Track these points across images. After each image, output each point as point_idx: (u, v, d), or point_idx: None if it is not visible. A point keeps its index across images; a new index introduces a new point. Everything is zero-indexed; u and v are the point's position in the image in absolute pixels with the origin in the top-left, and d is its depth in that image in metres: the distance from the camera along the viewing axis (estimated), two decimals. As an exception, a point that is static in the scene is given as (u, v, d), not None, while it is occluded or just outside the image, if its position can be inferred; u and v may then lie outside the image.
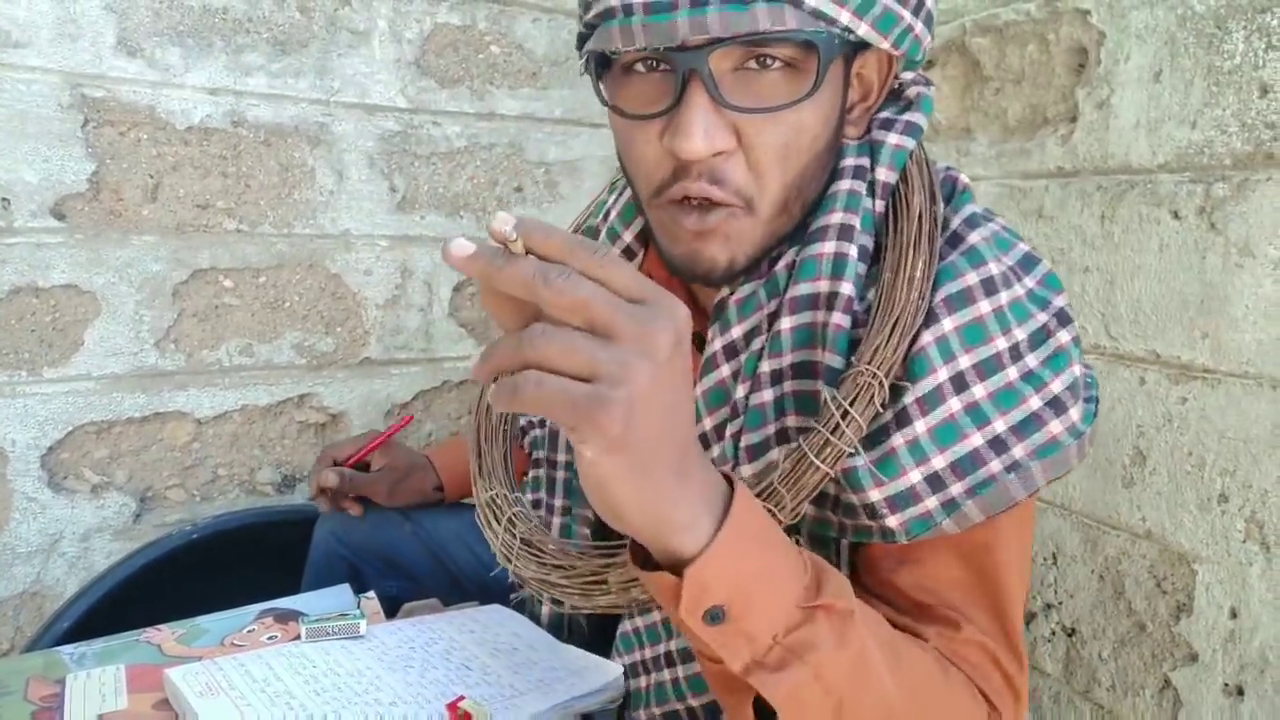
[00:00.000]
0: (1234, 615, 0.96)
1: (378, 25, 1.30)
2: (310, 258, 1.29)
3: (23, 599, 1.15)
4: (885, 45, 0.61)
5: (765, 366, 0.65)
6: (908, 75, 0.69)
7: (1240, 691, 0.96)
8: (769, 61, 0.59)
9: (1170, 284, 1.00)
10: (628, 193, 0.76)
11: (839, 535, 0.64)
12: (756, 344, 0.66)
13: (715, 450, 0.67)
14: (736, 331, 0.67)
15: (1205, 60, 0.96)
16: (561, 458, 0.85)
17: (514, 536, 0.75)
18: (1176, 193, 0.99)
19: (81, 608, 0.97)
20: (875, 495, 0.59)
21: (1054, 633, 1.18)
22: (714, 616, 0.48)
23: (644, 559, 0.52)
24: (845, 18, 0.58)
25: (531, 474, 0.91)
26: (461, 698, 0.67)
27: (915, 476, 0.59)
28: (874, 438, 0.60)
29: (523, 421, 1.06)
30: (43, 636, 0.94)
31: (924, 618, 0.62)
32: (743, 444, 0.65)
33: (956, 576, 0.63)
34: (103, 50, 1.13)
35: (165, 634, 0.81)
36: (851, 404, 0.59)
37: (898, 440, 0.59)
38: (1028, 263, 0.65)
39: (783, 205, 0.63)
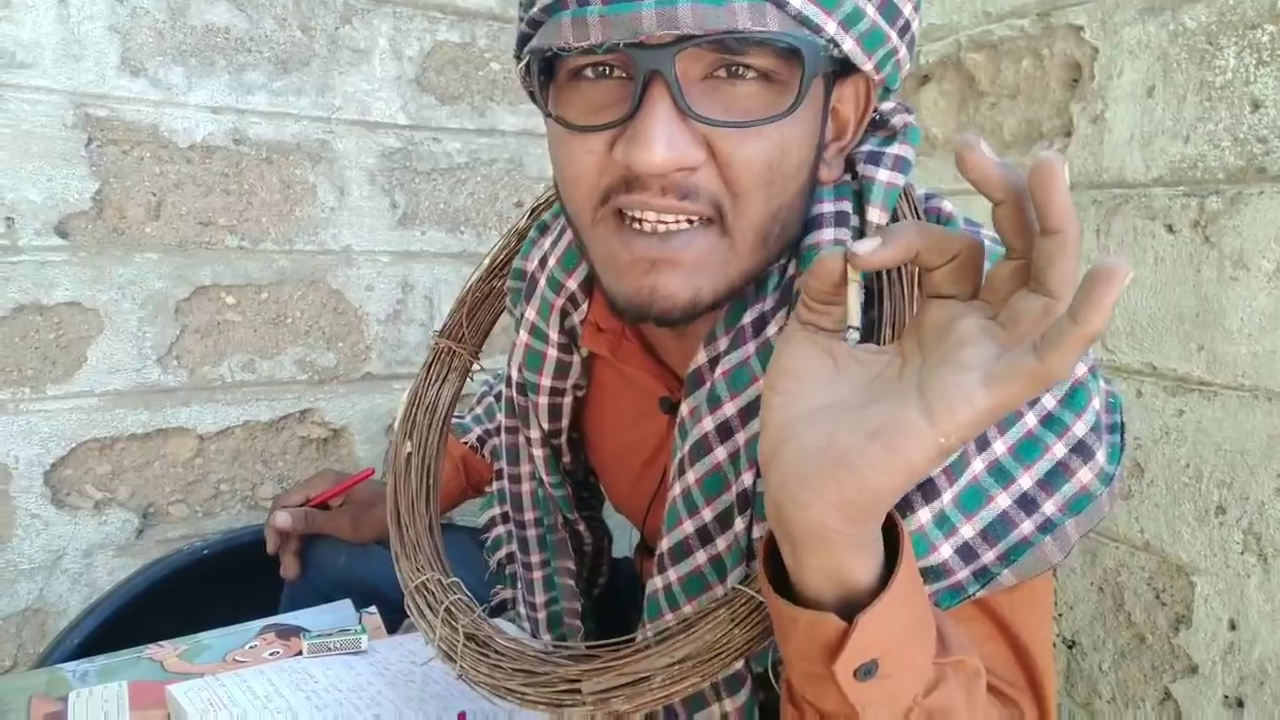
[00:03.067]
0: (1233, 627, 0.96)
1: (378, 43, 1.31)
2: (312, 273, 1.30)
3: (25, 616, 1.15)
4: (868, 66, 0.54)
5: None
6: (887, 105, 0.62)
7: (1240, 703, 0.96)
8: (742, 71, 0.51)
9: (1166, 297, 1.01)
10: (567, 236, 0.68)
11: None
12: (757, 424, 0.57)
13: (721, 544, 0.59)
14: (730, 409, 0.57)
15: (1197, 76, 0.96)
16: (529, 516, 0.79)
17: (455, 630, 0.62)
18: (1171, 206, 1.00)
19: (92, 624, 0.97)
20: None
21: (1054, 645, 1.18)
22: (867, 671, 0.43)
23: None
24: (832, 28, 0.51)
25: (496, 486, 0.87)
26: (463, 714, 0.68)
27: (946, 551, 0.53)
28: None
29: (479, 430, 1.03)
30: (53, 652, 0.94)
31: None
32: (756, 536, 0.57)
33: (990, 632, 0.57)
34: (106, 70, 1.14)
35: (167, 650, 0.81)
36: None
37: (924, 515, 0.53)
38: None
39: (763, 237, 0.55)
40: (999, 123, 1.22)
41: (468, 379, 0.80)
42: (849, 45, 0.52)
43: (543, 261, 0.71)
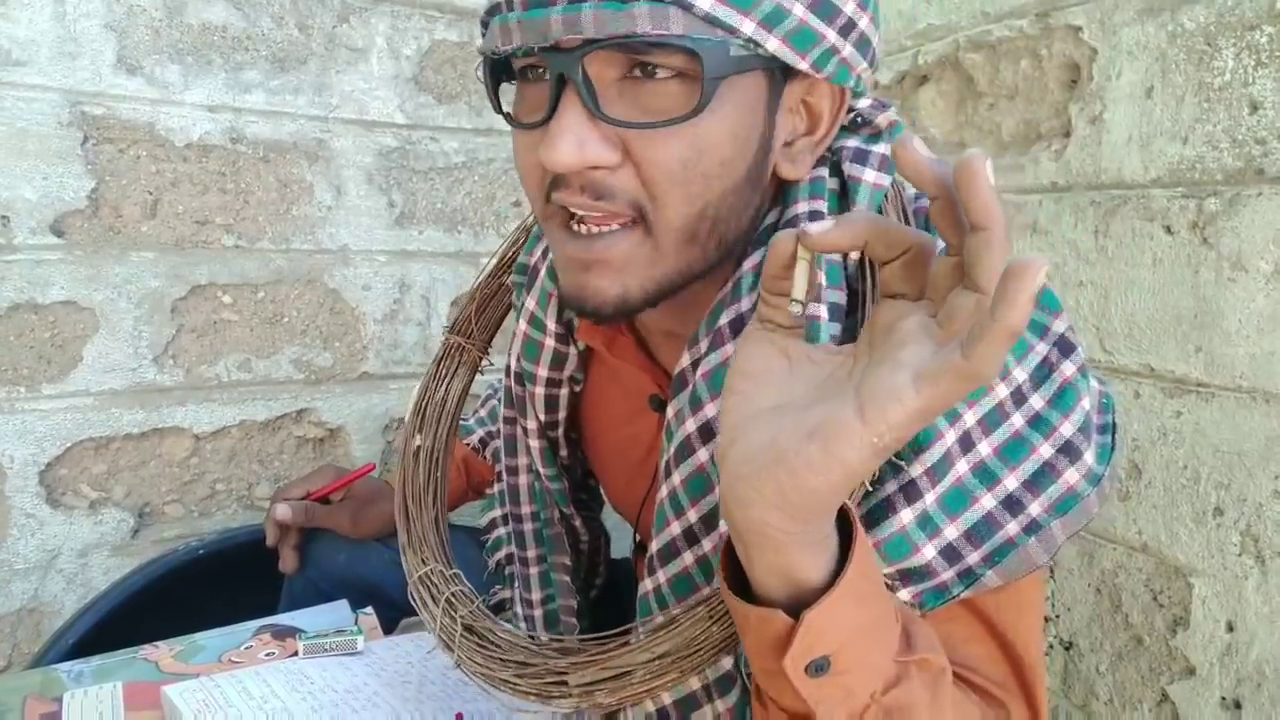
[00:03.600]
0: (1230, 629, 0.96)
1: (376, 42, 1.31)
2: (309, 273, 1.29)
3: (20, 616, 1.15)
4: (804, 66, 0.54)
5: None
6: (864, 103, 0.61)
7: (1238, 705, 0.96)
8: (655, 71, 0.52)
9: (1164, 298, 1.00)
10: None
11: None
12: None
13: (707, 545, 0.59)
14: (711, 410, 0.58)
15: (1196, 77, 0.96)
16: (526, 509, 0.81)
17: (454, 620, 0.64)
18: (1169, 207, 1.00)
19: (87, 623, 0.96)
20: (886, 569, 0.53)
21: (1052, 646, 1.18)
22: (818, 668, 0.44)
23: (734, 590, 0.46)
24: (749, 28, 0.51)
25: (497, 488, 0.88)
26: (460, 715, 0.68)
27: (930, 552, 0.53)
28: (875, 516, 0.53)
29: (481, 432, 1.04)
30: (48, 652, 0.93)
31: (960, 685, 0.56)
32: None
33: (974, 632, 0.57)
34: (102, 68, 1.14)
35: (163, 651, 0.81)
36: None
37: (906, 516, 0.53)
38: None
39: (689, 235, 0.55)
40: (997, 123, 1.22)
41: (477, 374, 0.81)
42: (774, 44, 0.52)
43: (545, 253, 0.73)
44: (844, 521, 0.46)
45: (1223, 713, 0.97)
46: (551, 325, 0.72)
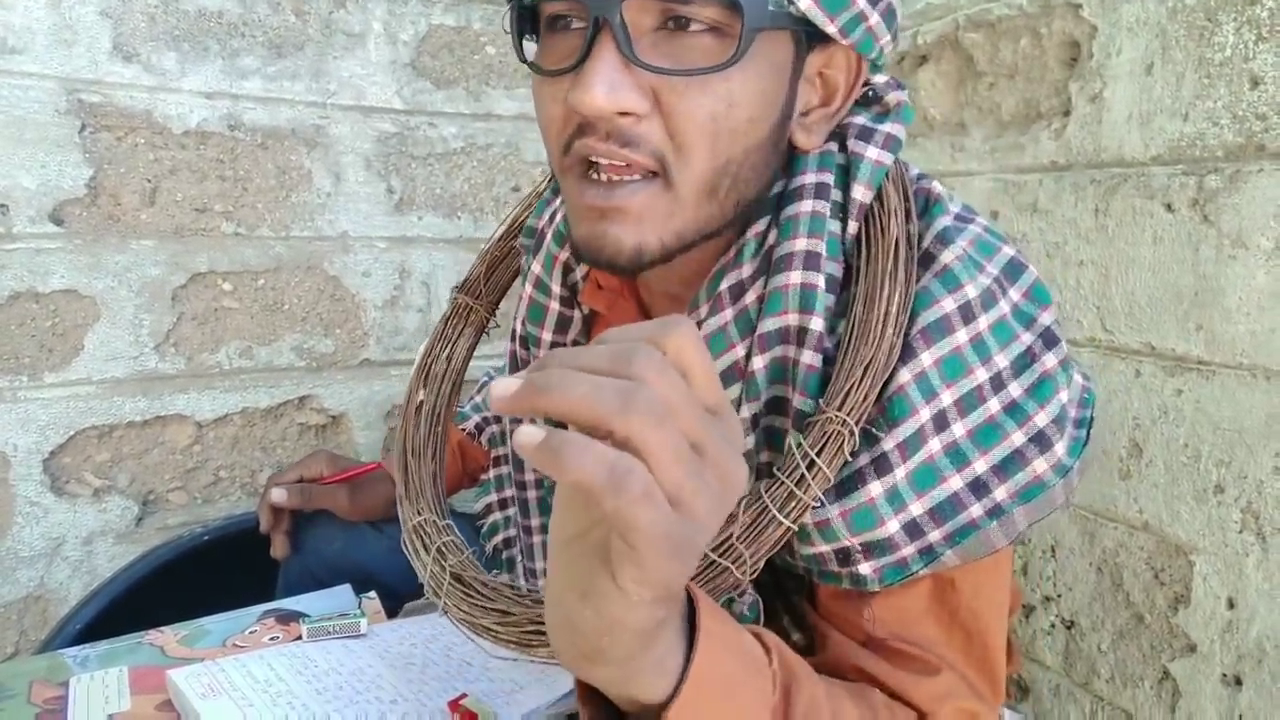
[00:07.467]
0: (1231, 605, 0.96)
1: (373, 27, 1.30)
2: (308, 260, 1.29)
3: (26, 603, 1.16)
4: (832, 29, 0.54)
5: (745, 412, 0.58)
6: (880, 79, 0.62)
7: (1239, 681, 0.96)
8: (690, 23, 0.52)
9: (1164, 276, 1.00)
10: None
11: (804, 576, 0.60)
12: (734, 390, 0.59)
13: None
14: None
15: (1196, 53, 0.96)
16: (530, 476, 0.81)
17: (443, 569, 0.66)
18: (1169, 185, 0.99)
19: (93, 609, 0.97)
20: (849, 542, 0.55)
21: (1053, 625, 1.18)
22: None
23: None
24: None
25: (493, 473, 0.88)
26: (463, 695, 0.68)
27: (894, 526, 0.54)
28: (846, 486, 0.54)
29: (477, 418, 1.03)
30: (55, 638, 0.94)
31: (891, 658, 0.57)
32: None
33: (927, 611, 0.58)
34: (99, 55, 1.14)
35: (168, 636, 0.81)
36: (818, 453, 0.53)
37: (876, 489, 0.54)
38: (1013, 270, 0.59)
39: (709, 190, 0.55)
40: (997, 103, 1.21)
41: (483, 335, 0.81)
42: (805, 3, 0.53)
43: (551, 217, 0.73)
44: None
45: (1223, 689, 0.97)
46: (556, 288, 0.72)
